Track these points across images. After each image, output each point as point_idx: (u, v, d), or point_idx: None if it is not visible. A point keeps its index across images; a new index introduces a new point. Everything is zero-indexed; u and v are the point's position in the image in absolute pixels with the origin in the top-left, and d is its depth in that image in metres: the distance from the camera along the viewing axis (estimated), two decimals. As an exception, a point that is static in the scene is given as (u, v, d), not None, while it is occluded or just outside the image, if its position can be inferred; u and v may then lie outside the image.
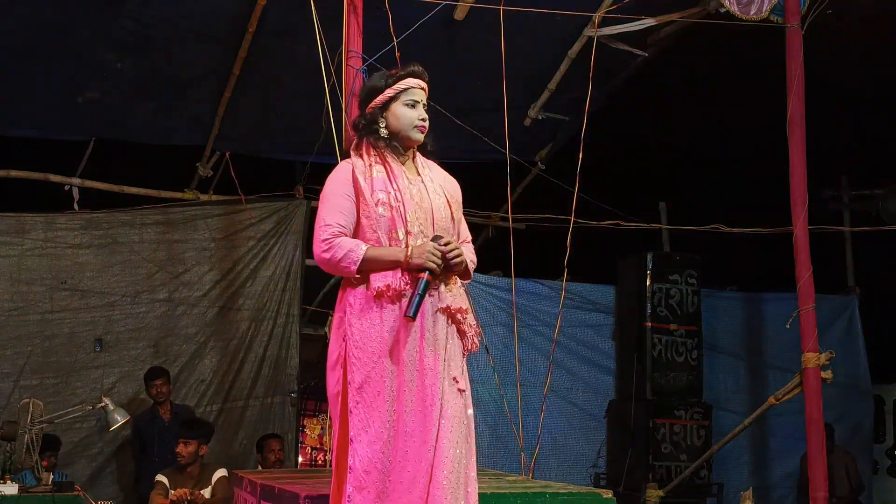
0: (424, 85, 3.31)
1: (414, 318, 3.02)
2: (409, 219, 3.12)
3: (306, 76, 5.50)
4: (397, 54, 4.84)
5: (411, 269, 3.07)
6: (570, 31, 6.66)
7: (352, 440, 3.03)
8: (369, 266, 3.09)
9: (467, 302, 3.24)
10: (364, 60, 4.86)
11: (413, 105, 3.25)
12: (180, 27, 6.38)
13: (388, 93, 3.27)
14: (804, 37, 6.09)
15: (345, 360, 3.09)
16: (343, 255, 3.09)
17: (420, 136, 3.27)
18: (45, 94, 6.96)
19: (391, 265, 3.08)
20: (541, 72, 7.18)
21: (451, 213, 3.24)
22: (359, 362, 3.06)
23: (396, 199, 3.13)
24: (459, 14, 6.31)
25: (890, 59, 7.15)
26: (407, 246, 3.09)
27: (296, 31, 6.20)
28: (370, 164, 3.20)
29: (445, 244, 3.08)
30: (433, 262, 3.04)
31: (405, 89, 3.26)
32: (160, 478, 5.98)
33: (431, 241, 3.10)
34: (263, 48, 6.53)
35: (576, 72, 6.92)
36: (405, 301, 3.06)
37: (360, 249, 3.08)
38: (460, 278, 3.26)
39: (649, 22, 6.31)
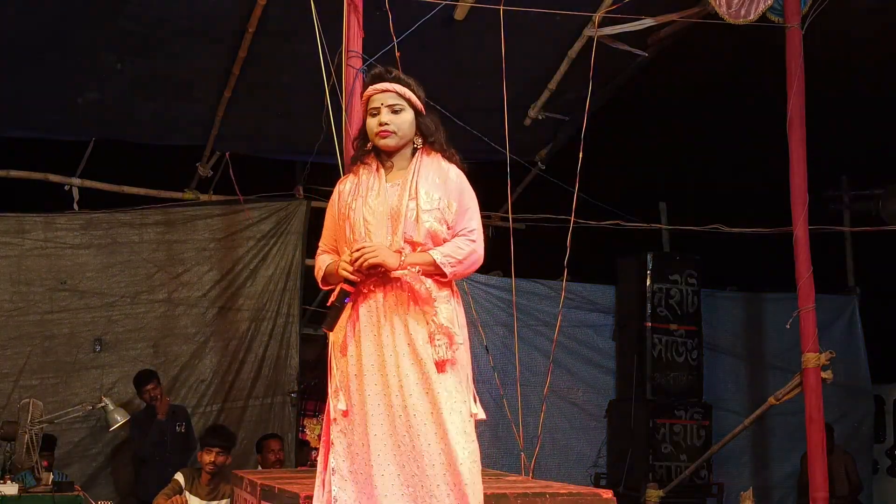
0: (386, 86, 3.21)
1: (329, 329, 3.12)
2: (354, 227, 3.14)
3: (306, 76, 5.49)
4: (397, 54, 4.84)
5: (343, 281, 3.10)
6: (570, 31, 6.66)
7: (333, 442, 3.10)
8: (328, 281, 3.25)
9: (433, 307, 3.07)
10: (364, 60, 4.86)
11: (374, 114, 3.22)
12: (180, 27, 6.38)
13: (362, 107, 3.33)
14: (804, 37, 6.09)
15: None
16: (316, 273, 3.31)
17: (383, 142, 3.20)
18: (45, 94, 6.95)
19: (338, 278, 3.14)
20: (541, 72, 7.18)
21: (418, 214, 3.10)
22: (334, 368, 3.14)
23: (350, 208, 3.17)
24: (459, 14, 6.31)
25: (890, 58, 7.15)
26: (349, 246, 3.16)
27: (296, 31, 6.20)
28: (349, 178, 3.29)
29: (357, 250, 3.05)
30: (344, 270, 3.06)
31: (367, 99, 3.26)
32: (178, 476, 5.87)
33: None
34: (263, 48, 6.53)
35: (576, 72, 6.92)
36: (355, 310, 3.11)
37: (325, 267, 3.26)
38: (437, 277, 3.11)
39: (649, 22, 6.30)
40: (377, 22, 5.04)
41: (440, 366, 3.01)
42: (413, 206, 3.12)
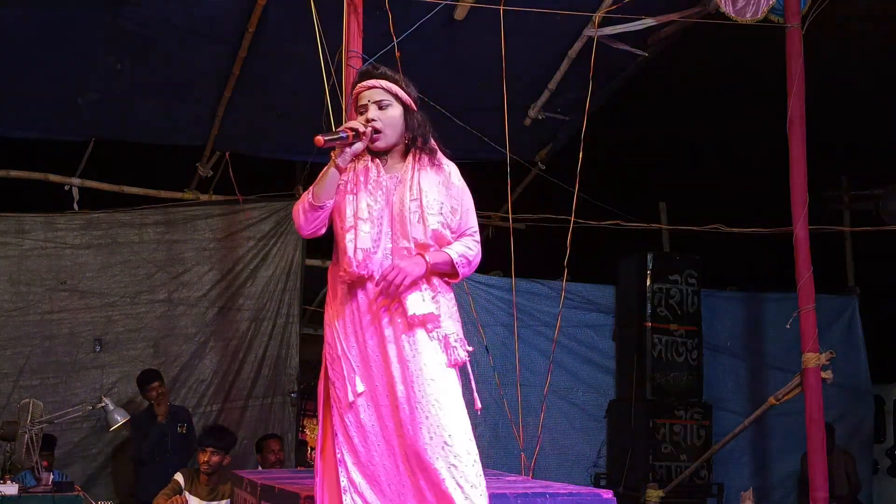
0: (372, 83, 3.19)
1: (325, 140, 3.06)
2: (360, 206, 3.09)
3: (306, 76, 5.49)
4: (397, 54, 4.85)
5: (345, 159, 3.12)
6: (570, 31, 6.66)
7: (336, 434, 3.10)
8: (320, 188, 3.13)
9: (439, 308, 3.09)
10: (364, 60, 4.86)
11: (362, 111, 3.19)
12: (180, 27, 6.38)
13: (352, 107, 3.27)
14: (804, 37, 6.09)
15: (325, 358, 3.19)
16: (300, 202, 3.18)
17: (372, 145, 3.18)
18: (45, 95, 6.95)
19: (330, 172, 3.12)
20: (541, 72, 7.18)
21: (422, 214, 3.09)
22: (330, 359, 3.14)
23: (351, 192, 3.12)
24: (459, 14, 6.31)
25: (890, 58, 7.15)
26: (355, 225, 3.09)
27: (296, 31, 6.19)
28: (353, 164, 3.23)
29: (387, 280, 3.02)
30: (356, 125, 3.09)
31: (356, 97, 3.23)
32: (178, 476, 5.87)
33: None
34: (263, 48, 6.53)
35: (576, 72, 6.92)
36: (363, 300, 3.08)
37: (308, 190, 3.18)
38: (446, 277, 3.16)
39: (649, 22, 6.30)
40: (377, 22, 5.04)
41: (449, 364, 3.10)
42: (416, 206, 3.10)
